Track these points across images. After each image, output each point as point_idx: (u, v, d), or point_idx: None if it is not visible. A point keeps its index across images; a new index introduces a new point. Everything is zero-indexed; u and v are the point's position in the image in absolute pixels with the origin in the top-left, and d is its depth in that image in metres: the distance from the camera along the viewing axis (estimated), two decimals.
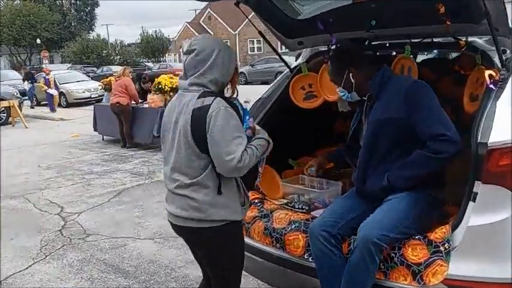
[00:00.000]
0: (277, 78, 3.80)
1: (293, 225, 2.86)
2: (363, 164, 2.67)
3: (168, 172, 2.43)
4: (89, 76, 26.09)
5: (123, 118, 10.00)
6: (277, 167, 3.42)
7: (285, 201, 3.27)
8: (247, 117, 2.44)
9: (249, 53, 46.37)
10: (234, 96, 2.46)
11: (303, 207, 3.09)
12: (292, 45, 3.59)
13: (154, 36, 55.46)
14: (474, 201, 2.32)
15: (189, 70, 2.36)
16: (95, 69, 37.04)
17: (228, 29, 47.62)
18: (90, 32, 59.53)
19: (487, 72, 2.51)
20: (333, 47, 3.23)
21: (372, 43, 3.21)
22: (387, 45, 3.15)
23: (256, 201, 3.23)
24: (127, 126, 10.08)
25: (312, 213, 3.04)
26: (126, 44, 57.76)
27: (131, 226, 5.48)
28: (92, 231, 5.38)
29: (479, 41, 2.87)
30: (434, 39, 3.05)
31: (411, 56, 3.08)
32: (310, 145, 3.88)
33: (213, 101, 2.24)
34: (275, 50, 3.85)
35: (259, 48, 45.67)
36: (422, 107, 2.47)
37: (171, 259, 4.48)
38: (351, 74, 2.66)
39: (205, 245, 2.42)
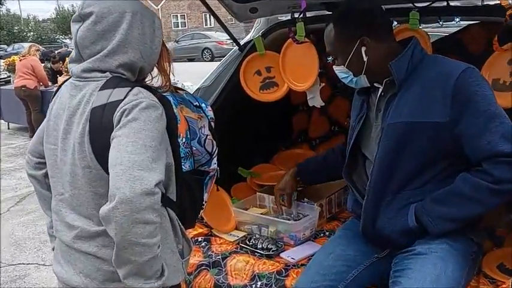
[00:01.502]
0: (223, 60, 2.79)
1: (259, 283, 1.93)
2: (376, 191, 1.73)
3: (58, 211, 1.47)
4: None
5: (31, 104, 8.73)
6: (224, 181, 2.42)
7: (241, 235, 2.32)
8: (204, 105, 1.78)
9: (173, 28, 44.86)
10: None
11: (269, 246, 2.15)
12: (242, 12, 2.63)
13: (71, 10, 52.47)
14: None
15: (84, 48, 1.39)
16: (5, 46, 34.66)
17: (151, 3, 45.73)
18: None
19: None
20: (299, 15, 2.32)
21: None
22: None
23: (199, 239, 2.26)
24: (36, 113, 8.76)
25: (282, 255, 2.12)
26: (40, 19, 54.59)
27: (35, 246, 4.33)
28: None
29: None
30: (451, 3, 2.16)
31: (420, 26, 2.17)
32: (265, 148, 2.97)
33: (126, 94, 1.30)
34: (219, 21, 2.80)
35: (183, 24, 44.60)
36: (478, 110, 1.57)
37: None
38: (363, 48, 1.71)
39: None
